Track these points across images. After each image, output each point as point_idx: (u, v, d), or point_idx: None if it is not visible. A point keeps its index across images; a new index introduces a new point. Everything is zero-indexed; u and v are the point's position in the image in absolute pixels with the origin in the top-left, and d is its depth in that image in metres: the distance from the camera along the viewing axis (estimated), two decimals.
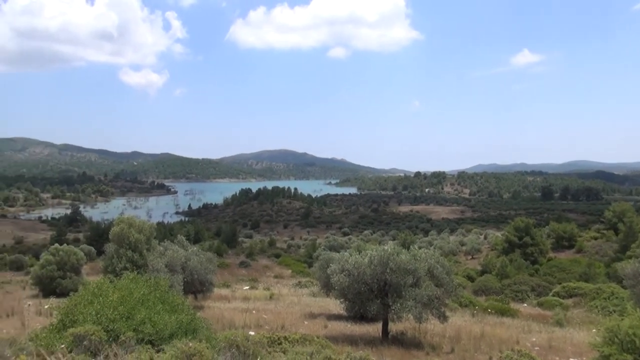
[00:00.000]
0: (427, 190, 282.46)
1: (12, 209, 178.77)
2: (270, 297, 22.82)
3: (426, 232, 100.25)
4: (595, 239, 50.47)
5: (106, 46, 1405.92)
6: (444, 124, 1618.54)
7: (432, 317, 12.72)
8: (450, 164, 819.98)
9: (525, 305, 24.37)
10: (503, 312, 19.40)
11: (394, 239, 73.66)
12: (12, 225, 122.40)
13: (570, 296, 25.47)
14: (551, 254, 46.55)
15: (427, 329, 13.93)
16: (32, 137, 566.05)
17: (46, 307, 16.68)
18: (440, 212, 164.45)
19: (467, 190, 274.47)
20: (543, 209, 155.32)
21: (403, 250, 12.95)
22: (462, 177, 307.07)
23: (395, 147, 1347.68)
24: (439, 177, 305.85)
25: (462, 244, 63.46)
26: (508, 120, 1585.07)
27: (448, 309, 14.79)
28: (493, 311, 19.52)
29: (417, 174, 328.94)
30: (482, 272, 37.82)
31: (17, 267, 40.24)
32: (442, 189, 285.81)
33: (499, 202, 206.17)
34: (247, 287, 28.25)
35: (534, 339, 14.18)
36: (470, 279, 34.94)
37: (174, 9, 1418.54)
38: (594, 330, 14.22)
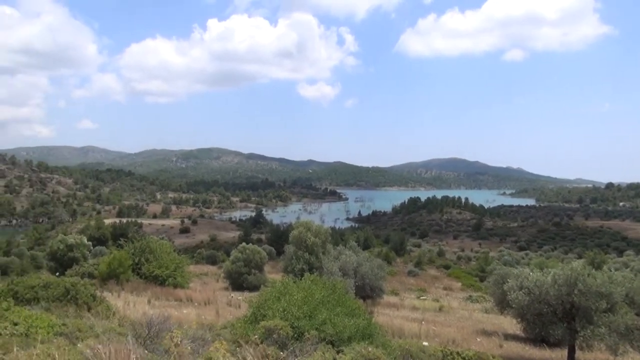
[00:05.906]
0: (621, 204, 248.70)
1: (208, 210, 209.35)
2: (440, 309, 22.33)
3: (620, 252, 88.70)
4: None
5: (287, 63, 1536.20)
6: None
7: (631, 349, 11.14)
8: None
9: None
10: None
11: (579, 257, 66.70)
12: (209, 224, 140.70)
13: None
14: None
15: None
16: (225, 147, 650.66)
17: (239, 297, 18.74)
18: (639, 229, 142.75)
19: None
20: None
21: (594, 270, 11.61)
22: None
23: (581, 155, 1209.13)
24: (637, 189, 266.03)
25: None
26: None
27: None
28: None
29: (609, 185, 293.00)
30: None
31: (212, 261, 45.99)
32: None
33: None
34: (424, 297, 28.00)
35: None
36: None
37: (346, 24, 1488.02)
38: None
